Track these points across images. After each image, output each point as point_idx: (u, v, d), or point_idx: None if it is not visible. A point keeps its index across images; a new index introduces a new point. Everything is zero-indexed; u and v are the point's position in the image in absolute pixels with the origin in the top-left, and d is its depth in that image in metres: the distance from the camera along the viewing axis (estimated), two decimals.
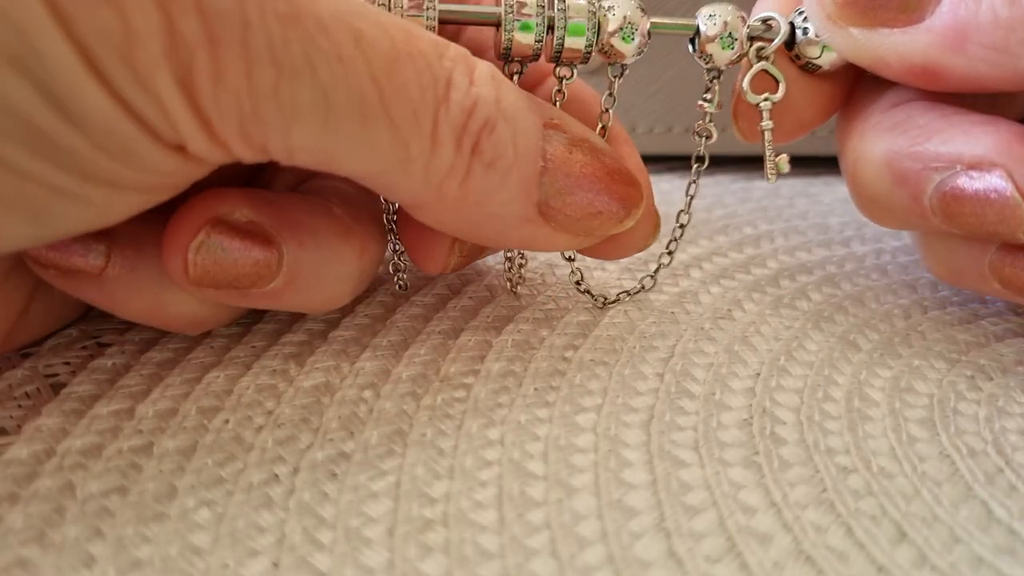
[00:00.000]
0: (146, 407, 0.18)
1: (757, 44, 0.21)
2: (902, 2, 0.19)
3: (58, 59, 0.13)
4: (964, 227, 0.19)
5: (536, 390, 0.20)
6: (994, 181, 0.18)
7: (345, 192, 0.20)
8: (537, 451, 0.18)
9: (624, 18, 0.19)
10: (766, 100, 0.21)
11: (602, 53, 0.20)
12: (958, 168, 0.18)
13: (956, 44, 0.18)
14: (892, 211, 0.20)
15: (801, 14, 0.20)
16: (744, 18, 0.20)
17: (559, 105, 0.21)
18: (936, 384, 0.21)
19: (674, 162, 0.35)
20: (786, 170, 0.21)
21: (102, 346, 0.20)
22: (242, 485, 0.17)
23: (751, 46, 0.21)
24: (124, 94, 0.13)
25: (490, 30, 0.20)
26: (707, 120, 0.22)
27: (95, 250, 0.17)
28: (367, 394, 0.19)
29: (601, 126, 0.21)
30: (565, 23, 0.19)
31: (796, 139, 0.22)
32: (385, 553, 0.15)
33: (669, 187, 0.33)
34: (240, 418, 0.18)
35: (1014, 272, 0.20)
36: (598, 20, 0.19)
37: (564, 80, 0.20)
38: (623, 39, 0.20)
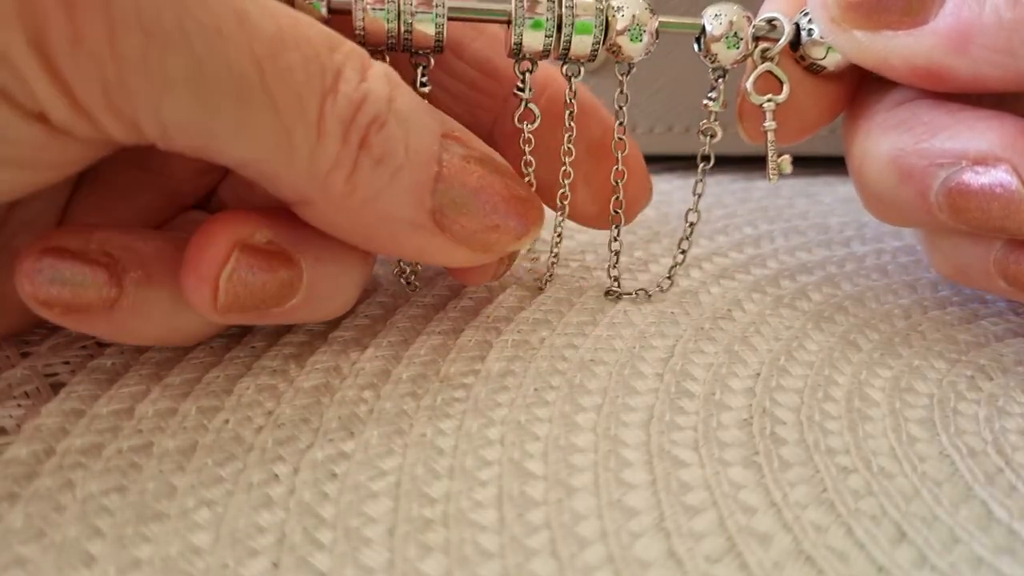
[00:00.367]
0: (146, 407, 0.18)
1: (762, 45, 0.21)
2: (906, 5, 0.19)
3: None
4: (970, 223, 0.19)
5: (536, 390, 0.20)
6: (1000, 176, 0.18)
7: None
8: (537, 451, 0.18)
9: (633, 17, 0.20)
10: (769, 101, 0.21)
11: (610, 52, 0.20)
12: (963, 164, 0.18)
13: (960, 46, 0.18)
14: (899, 208, 0.20)
15: (806, 15, 0.20)
16: (750, 18, 0.20)
17: (572, 103, 0.21)
18: (936, 384, 0.21)
19: (674, 162, 0.35)
20: (788, 171, 0.22)
21: (102, 346, 0.20)
22: (242, 485, 0.17)
23: (756, 46, 0.21)
24: None
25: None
26: (712, 119, 0.22)
27: (106, 282, 0.17)
28: (367, 394, 0.19)
29: (619, 123, 0.21)
30: (573, 21, 0.19)
31: (801, 140, 0.22)
32: (385, 553, 0.15)
33: (669, 187, 0.33)
34: (240, 418, 0.18)
35: (1019, 268, 0.20)
36: (606, 18, 0.20)
37: (573, 78, 0.21)
38: (631, 39, 0.20)
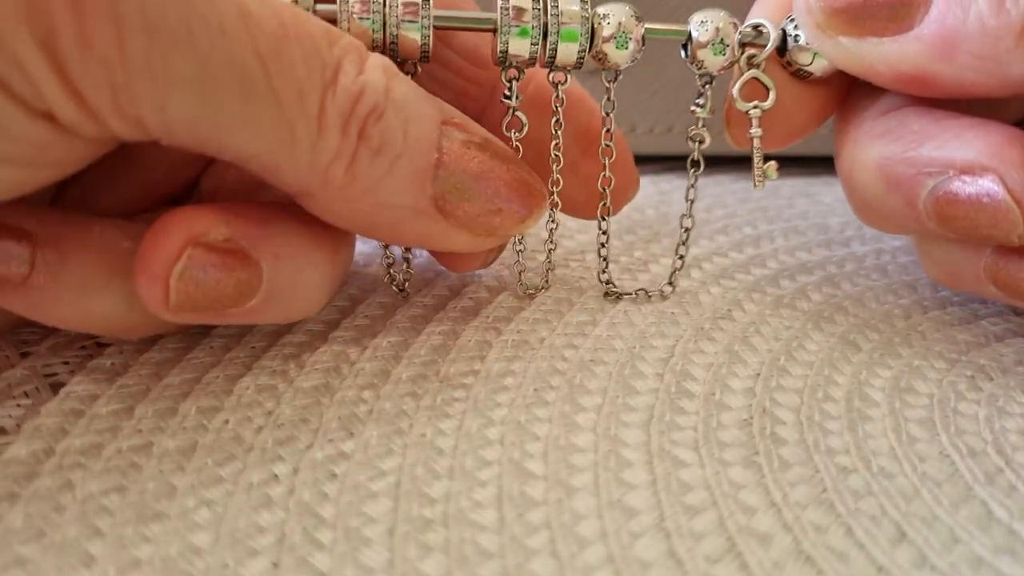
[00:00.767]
0: (145, 407, 0.18)
1: (748, 51, 0.21)
2: (891, 11, 0.19)
3: None
4: (958, 231, 0.19)
5: (536, 390, 0.20)
6: (986, 185, 0.18)
7: None
8: (537, 451, 0.18)
9: (619, 24, 0.20)
10: (755, 108, 0.21)
11: (596, 59, 0.20)
12: (951, 173, 0.18)
13: (944, 52, 0.18)
14: (887, 216, 0.20)
15: (792, 21, 0.21)
16: (736, 24, 0.20)
17: (559, 110, 0.21)
18: (936, 384, 0.21)
19: (674, 162, 0.35)
20: (774, 177, 0.22)
21: (101, 346, 0.20)
22: (242, 485, 0.17)
23: (742, 53, 0.21)
24: None
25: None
26: (699, 125, 0.22)
27: (19, 256, 0.16)
28: (367, 394, 0.19)
29: (606, 129, 0.21)
30: (559, 28, 0.19)
31: (789, 145, 0.22)
32: (385, 553, 0.15)
33: (669, 187, 0.33)
34: (240, 418, 0.18)
35: (1009, 275, 0.20)
36: (591, 26, 0.20)
37: (560, 85, 0.21)
38: (617, 46, 0.20)
